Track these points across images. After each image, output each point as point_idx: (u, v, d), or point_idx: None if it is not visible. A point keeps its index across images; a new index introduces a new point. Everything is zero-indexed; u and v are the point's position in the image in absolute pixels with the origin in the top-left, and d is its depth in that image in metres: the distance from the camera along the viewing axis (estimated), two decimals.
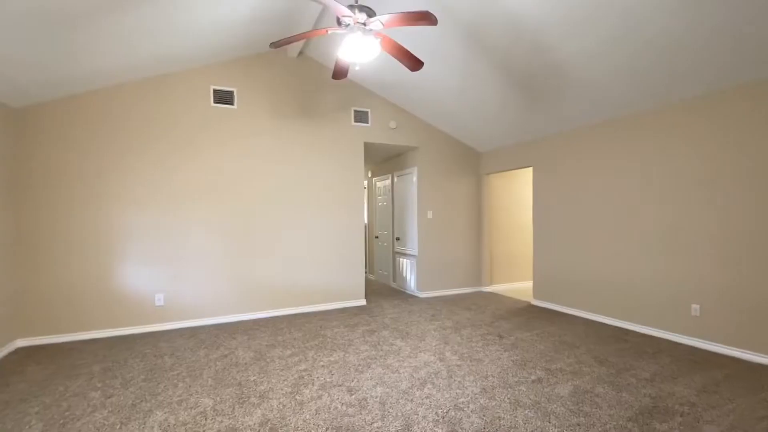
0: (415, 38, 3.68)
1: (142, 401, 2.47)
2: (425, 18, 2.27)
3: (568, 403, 2.38)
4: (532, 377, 2.77)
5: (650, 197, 3.78)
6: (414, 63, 2.88)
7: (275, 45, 2.60)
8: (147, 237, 4.04)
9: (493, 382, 2.69)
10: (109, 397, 2.52)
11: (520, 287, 6.38)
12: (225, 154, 4.39)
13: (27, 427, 2.17)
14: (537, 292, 5.17)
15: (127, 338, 3.80)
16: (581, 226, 4.51)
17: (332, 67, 4.81)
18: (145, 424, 2.19)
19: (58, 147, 3.72)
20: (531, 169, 5.45)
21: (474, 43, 3.55)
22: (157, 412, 2.32)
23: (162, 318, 4.11)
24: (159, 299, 4.09)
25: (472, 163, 6.11)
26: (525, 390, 2.57)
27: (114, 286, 3.92)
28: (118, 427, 2.16)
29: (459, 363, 3.05)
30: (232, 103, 4.44)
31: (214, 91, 4.35)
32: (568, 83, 3.73)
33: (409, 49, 3.72)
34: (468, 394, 2.51)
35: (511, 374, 2.83)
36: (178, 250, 4.17)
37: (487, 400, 2.42)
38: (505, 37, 3.33)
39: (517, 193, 6.51)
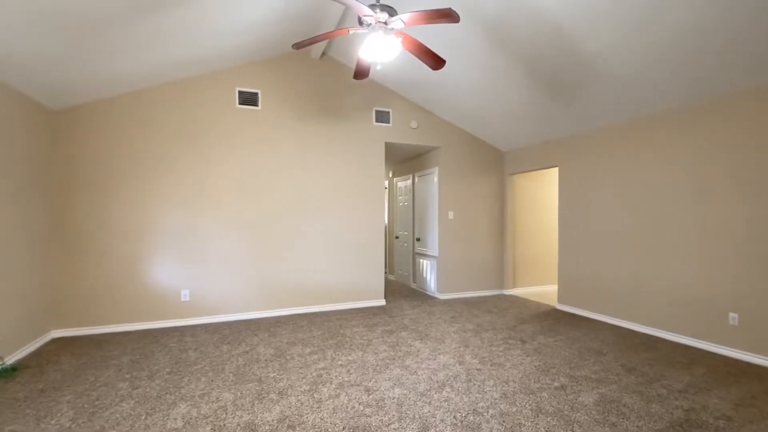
0: (437, 36, 3.64)
1: (166, 393, 2.54)
2: (447, 15, 2.24)
3: (593, 412, 2.29)
4: (556, 384, 2.68)
5: (683, 199, 3.60)
6: (436, 61, 2.84)
7: (298, 46, 2.62)
8: (174, 235, 4.17)
9: (514, 388, 2.62)
10: (135, 388, 2.61)
11: (543, 291, 6.21)
12: (249, 154, 4.48)
13: (59, 414, 2.27)
14: (562, 296, 5.02)
15: (155, 332, 3.93)
16: (609, 228, 4.34)
17: (354, 67, 4.83)
18: (168, 415, 2.25)
19: (91, 148, 3.90)
20: (557, 169, 5.30)
21: (497, 40, 3.48)
22: (181, 405, 2.38)
23: (187, 313, 4.23)
24: (185, 295, 4.22)
25: (495, 163, 5.99)
26: (547, 397, 2.49)
27: (143, 281, 4.07)
28: (143, 417, 2.23)
29: (479, 367, 2.99)
30: (256, 105, 4.52)
31: (239, 92, 4.45)
32: (596, 80, 3.60)
33: (430, 48, 3.70)
34: (488, 399, 2.45)
35: (533, 380, 2.75)
36: (204, 248, 4.29)
37: (508, 406, 2.36)
38: (530, 33, 3.25)
39: (541, 194, 6.34)
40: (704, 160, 3.44)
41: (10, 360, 3.05)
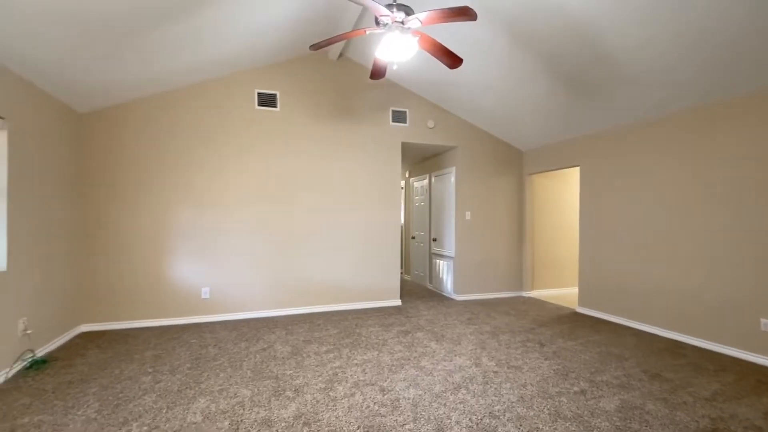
0: (454, 34, 3.61)
1: (187, 388, 2.60)
2: (464, 13, 2.21)
3: (615, 418, 2.23)
4: (575, 388, 2.62)
5: (711, 200, 3.45)
6: (453, 60, 2.82)
7: (315, 47, 2.65)
8: (195, 233, 4.28)
9: (532, 391, 2.57)
10: (158, 382, 2.69)
11: (563, 293, 6.07)
12: (267, 155, 4.56)
13: (86, 406, 2.36)
14: (582, 299, 4.90)
15: (176, 328, 4.04)
16: (633, 229, 4.21)
17: (371, 67, 4.84)
18: (188, 409, 2.31)
19: (117, 149, 4.03)
20: (577, 168, 5.17)
21: (516, 37, 3.42)
22: (200, 399, 2.44)
23: (207, 310, 4.33)
24: (205, 292, 4.32)
25: (514, 163, 5.90)
26: (566, 401, 2.43)
27: (166, 279, 4.19)
28: (164, 411, 2.29)
29: (496, 369, 2.95)
30: (275, 106, 4.59)
31: (258, 94, 4.52)
32: (619, 76, 3.50)
33: (447, 46, 3.67)
34: (504, 402, 2.42)
35: (551, 384, 2.69)
36: (224, 247, 4.38)
37: (525, 410, 2.32)
38: (550, 29, 3.18)
39: (562, 194, 6.20)
40: (734, 160, 3.29)
41: (41, 352, 3.19)
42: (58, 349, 3.37)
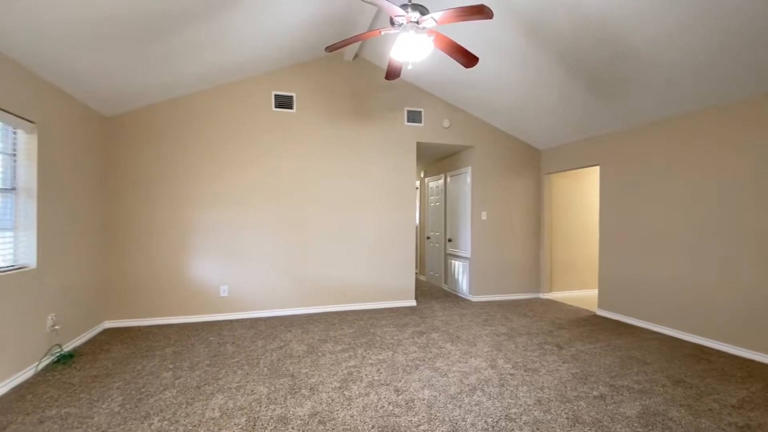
0: (469, 33, 3.58)
1: (205, 384, 2.66)
2: (480, 12, 2.19)
3: (636, 424, 2.17)
4: (594, 393, 2.56)
5: (742, 200, 3.32)
6: (468, 59, 2.80)
7: (331, 48, 2.67)
8: (215, 233, 4.37)
9: (549, 395, 2.52)
10: (178, 378, 2.75)
11: (583, 295, 5.94)
12: (284, 156, 4.61)
13: (109, 399, 2.44)
14: (602, 301, 4.78)
15: (196, 325, 4.13)
16: (656, 230, 4.09)
17: (386, 68, 4.85)
18: (207, 405, 2.36)
19: (141, 151, 4.15)
20: (597, 168, 5.06)
21: (533, 34, 3.37)
22: (218, 396, 2.48)
23: (226, 308, 4.41)
24: (224, 291, 4.40)
25: (532, 162, 5.81)
26: (585, 406, 2.38)
27: (186, 277, 4.29)
28: (184, 406, 2.35)
29: (512, 372, 2.91)
30: (291, 107, 4.65)
31: (275, 96, 4.59)
32: (642, 72, 3.40)
33: (463, 45, 3.64)
34: (521, 405, 2.38)
35: (569, 388, 2.64)
36: (242, 247, 4.46)
37: (542, 414, 2.28)
38: (568, 25, 3.12)
39: (581, 193, 6.08)
40: (766, 158, 3.16)
41: (68, 347, 3.31)
42: (84, 345, 3.49)
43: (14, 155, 2.83)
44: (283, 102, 4.62)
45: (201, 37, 3.25)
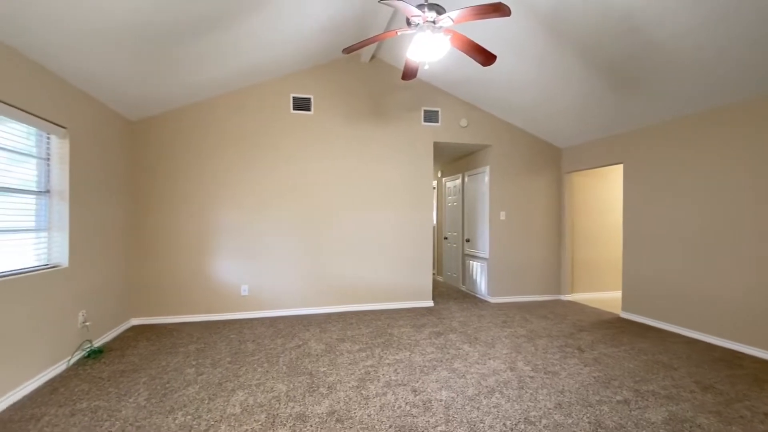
0: (487, 31, 3.54)
1: (227, 381, 2.72)
2: (497, 10, 2.17)
3: (662, 431, 2.10)
4: (618, 397, 2.49)
5: None
6: (486, 58, 2.77)
7: (347, 50, 2.69)
8: (235, 234, 4.47)
9: (570, 399, 2.47)
10: (200, 375, 2.83)
11: (606, 297, 5.79)
12: (302, 158, 4.68)
13: (136, 394, 2.53)
14: (627, 303, 4.64)
15: (217, 323, 4.24)
16: (684, 229, 3.94)
17: (402, 68, 4.85)
18: (228, 401, 2.42)
19: (164, 154, 4.29)
20: (620, 166, 4.92)
21: (552, 30, 3.30)
22: (239, 393, 2.54)
23: (246, 307, 4.51)
24: (244, 290, 4.50)
25: (552, 161, 5.69)
26: (608, 411, 2.32)
27: (208, 276, 4.40)
28: (206, 402, 2.41)
29: (532, 374, 2.86)
30: (309, 110, 4.70)
31: (294, 98, 4.65)
32: (668, 66, 3.29)
33: (480, 44, 3.60)
34: (540, 408, 2.34)
35: (591, 392, 2.57)
36: (262, 247, 4.55)
37: (563, 417, 2.23)
38: (589, 20, 3.04)
39: (603, 193, 5.92)
40: None
41: (98, 343, 3.45)
42: (112, 341, 3.63)
43: (48, 159, 2.97)
44: (301, 104, 4.68)
45: (222, 43, 3.32)
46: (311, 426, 2.13)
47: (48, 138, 2.96)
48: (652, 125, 4.29)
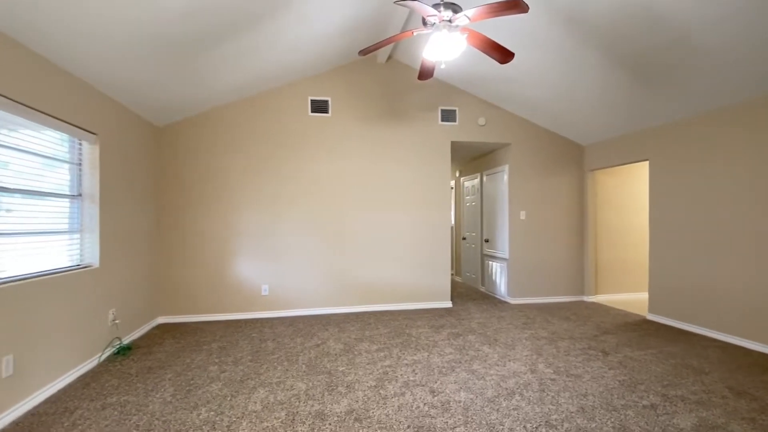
0: (504, 28, 3.50)
1: (248, 378, 2.78)
2: (515, 6, 2.14)
3: None
4: (644, 402, 2.41)
5: None
6: (503, 55, 2.73)
7: (364, 52, 2.70)
8: (256, 235, 4.56)
9: (594, 402, 2.41)
10: (223, 372, 2.90)
11: (631, 299, 5.61)
12: (320, 159, 4.73)
13: (162, 390, 2.61)
14: (654, 305, 4.48)
15: (239, 322, 4.33)
16: (715, 228, 3.78)
17: (419, 68, 4.84)
18: (249, 398, 2.47)
19: (188, 157, 4.42)
20: (646, 163, 4.76)
21: (572, 24, 3.23)
22: (260, 390, 2.59)
23: (267, 306, 4.59)
24: (265, 290, 4.58)
25: (574, 158, 5.56)
26: (633, 416, 2.24)
27: (230, 276, 4.51)
28: (228, 399, 2.47)
29: (553, 377, 2.80)
30: (326, 112, 4.76)
31: (312, 101, 4.72)
32: (696, 58, 3.16)
33: (497, 41, 3.56)
34: (562, 412, 2.29)
35: (616, 396, 2.50)
36: (281, 248, 4.63)
37: (586, 421, 2.18)
38: (611, 12, 2.96)
39: (628, 191, 5.74)
40: None
41: (127, 340, 3.59)
42: (140, 338, 3.76)
43: (80, 164, 3.11)
44: (319, 106, 4.74)
45: (243, 49, 3.40)
46: (330, 424, 2.15)
47: (80, 144, 3.10)
48: (680, 120, 4.13)
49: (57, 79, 2.67)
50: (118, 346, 3.36)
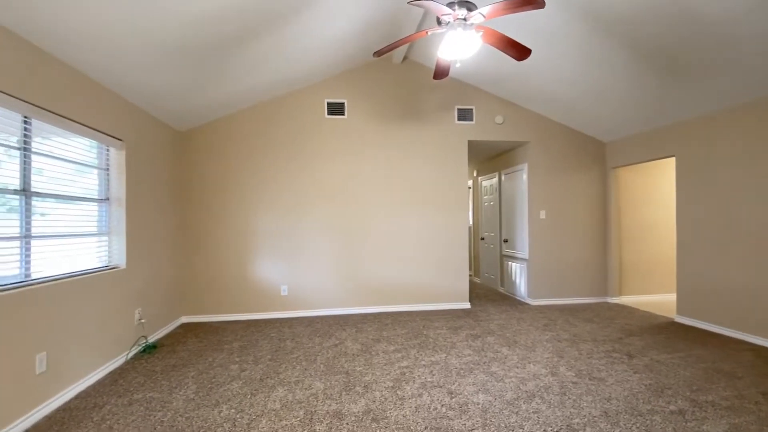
0: (521, 24, 3.44)
1: (268, 377, 2.83)
2: (531, 2, 2.11)
3: None
4: (671, 407, 2.32)
5: None
6: (520, 52, 2.69)
7: (379, 53, 2.71)
8: (275, 236, 4.64)
9: (618, 407, 2.34)
10: (243, 371, 2.96)
11: (658, 300, 5.41)
12: (337, 161, 4.77)
13: (185, 387, 2.69)
14: (682, 306, 4.31)
15: (259, 322, 4.41)
16: (747, 226, 3.61)
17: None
18: (269, 397, 2.51)
19: (209, 161, 4.54)
20: (672, 159, 4.59)
21: (592, 17, 3.15)
22: (279, 389, 2.63)
23: (286, 306, 4.66)
24: (284, 290, 4.65)
25: (595, 156, 5.42)
26: (660, 421, 2.17)
27: (250, 277, 4.60)
28: (248, 397, 2.52)
29: (575, 380, 2.74)
30: (343, 114, 4.79)
31: (328, 103, 4.76)
32: (725, 49, 3.03)
33: (514, 38, 3.51)
34: (584, 416, 2.23)
35: (641, 400, 2.42)
36: (300, 249, 4.69)
37: (609, 426, 2.12)
38: (632, 4, 2.87)
39: (653, 188, 5.54)
40: None
41: (152, 339, 3.71)
42: (165, 337, 3.88)
43: (107, 170, 3.24)
44: (336, 109, 4.78)
45: (260, 55, 3.47)
46: (347, 424, 2.17)
47: (107, 150, 3.23)
48: (708, 114, 3.97)
49: (88, 89, 2.79)
50: (144, 345, 3.48)
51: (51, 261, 2.57)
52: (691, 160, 4.17)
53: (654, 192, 5.55)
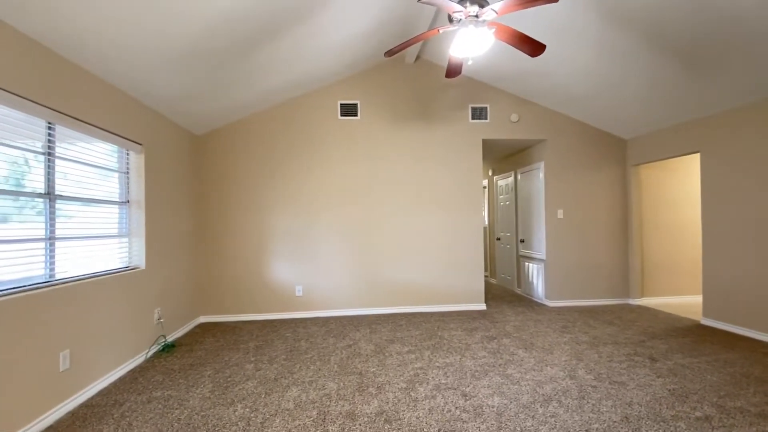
0: (536, 19, 3.38)
1: (282, 377, 2.85)
2: None
3: None
4: (697, 413, 2.23)
5: None
6: (534, 48, 2.64)
7: (390, 53, 2.70)
8: (290, 237, 4.68)
9: (640, 412, 2.26)
10: (258, 370, 2.99)
11: (682, 302, 5.22)
12: (351, 162, 4.78)
13: (202, 386, 2.73)
14: (708, 308, 4.14)
15: (274, 322, 4.46)
16: None
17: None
18: (283, 396, 2.53)
19: (225, 164, 4.62)
20: (697, 155, 4.42)
21: (610, 10, 3.06)
22: (293, 389, 2.65)
23: (300, 307, 4.70)
24: (299, 291, 4.69)
25: (615, 153, 5.27)
26: (685, 428, 2.08)
27: (266, 278, 4.66)
28: (263, 396, 2.54)
29: (594, 384, 2.66)
30: (356, 115, 4.80)
31: (341, 105, 4.78)
32: (749, 42, 2.90)
33: (528, 33, 3.45)
34: (604, 421, 2.16)
35: (665, 406, 2.33)
36: (314, 249, 4.72)
37: None
38: None
39: (677, 186, 5.35)
40: None
41: (171, 338, 3.79)
42: (183, 336, 3.96)
43: (127, 173, 3.33)
44: (349, 110, 4.79)
45: (273, 58, 3.51)
46: (360, 425, 2.16)
47: (127, 154, 3.32)
48: (734, 108, 3.80)
49: (108, 95, 2.88)
50: (163, 344, 3.56)
51: (74, 262, 2.65)
52: (718, 156, 4.01)
53: (678, 189, 5.36)
